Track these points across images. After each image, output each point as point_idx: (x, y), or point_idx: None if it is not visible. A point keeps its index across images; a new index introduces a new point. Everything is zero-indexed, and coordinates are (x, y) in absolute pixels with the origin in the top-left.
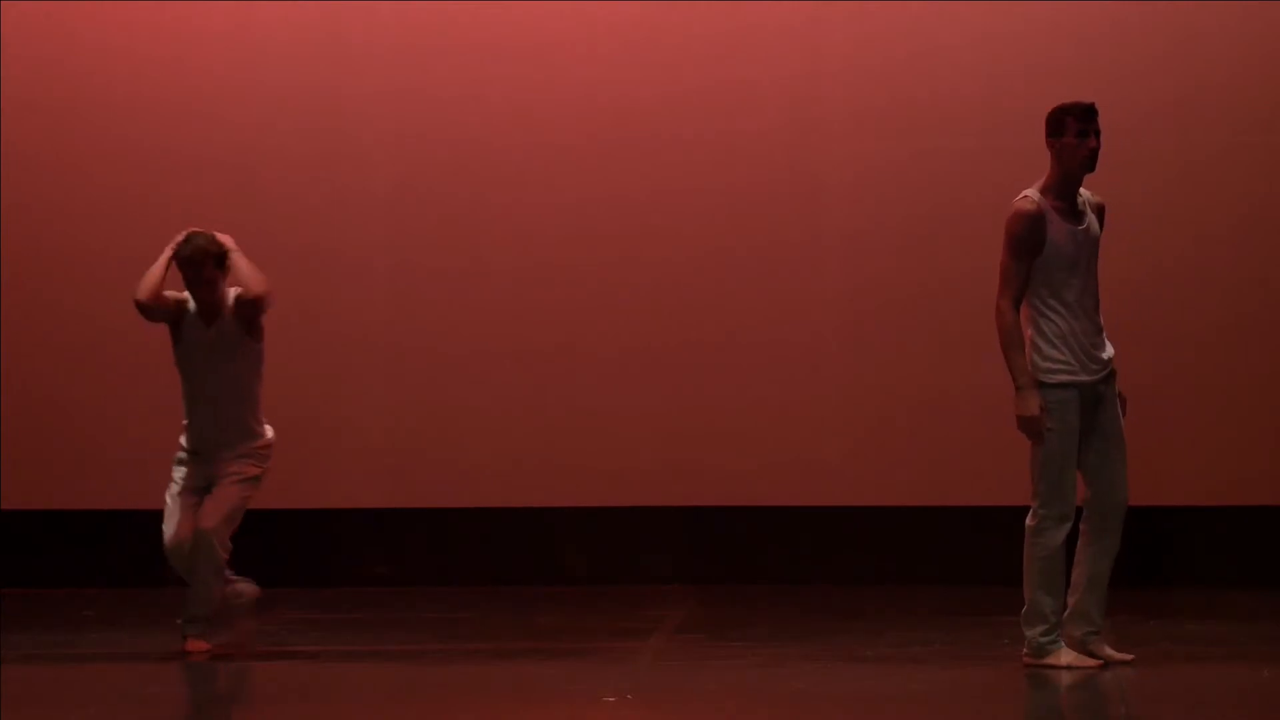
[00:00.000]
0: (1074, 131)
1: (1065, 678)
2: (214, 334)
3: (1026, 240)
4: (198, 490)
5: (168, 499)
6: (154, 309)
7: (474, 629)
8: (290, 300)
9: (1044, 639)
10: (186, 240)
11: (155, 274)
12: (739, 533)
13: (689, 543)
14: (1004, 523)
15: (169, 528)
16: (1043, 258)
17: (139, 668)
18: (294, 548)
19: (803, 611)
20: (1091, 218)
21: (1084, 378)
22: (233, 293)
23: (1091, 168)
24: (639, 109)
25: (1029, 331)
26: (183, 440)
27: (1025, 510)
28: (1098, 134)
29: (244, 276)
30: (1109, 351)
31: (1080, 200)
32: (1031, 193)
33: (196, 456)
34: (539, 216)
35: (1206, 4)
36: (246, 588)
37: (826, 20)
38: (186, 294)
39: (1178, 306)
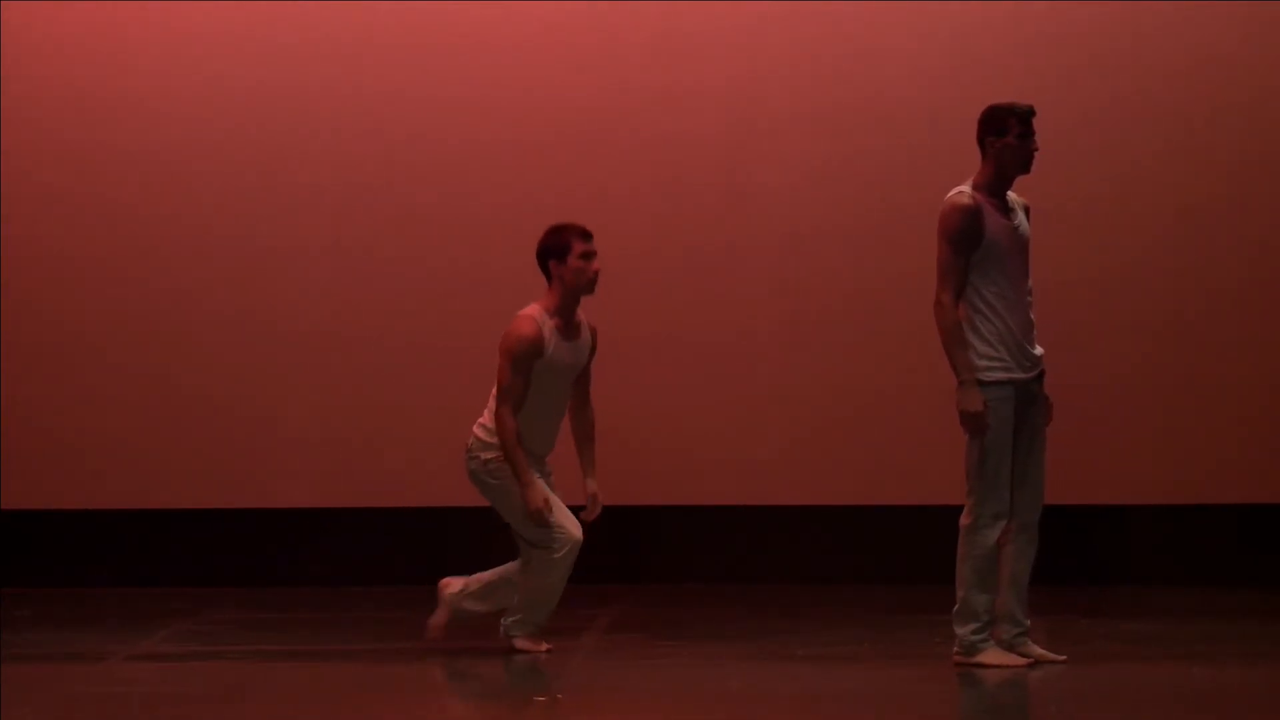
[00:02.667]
0: (1015, 133)
1: (996, 677)
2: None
3: (965, 234)
4: None
5: (552, 499)
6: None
7: (410, 628)
8: (231, 298)
9: (975, 637)
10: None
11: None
12: (674, 531)
13: (623, 542)
14: (938, 522)
15: (577, 526)
16: (980, 253)
17: (72, 668)
18: (231, 547)
19: (737, 611)
20: (1021, 216)
21: (1019, 375)
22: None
23: (1028, 169)
24: (579, 109)
25: (964, 329)
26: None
27: (959, 509)
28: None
29: None
30: (1040, 350)
31: (1009, 199)
32: (966, 188)
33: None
34: (478, 216)
35: (1144, 5)
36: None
37: (765, 22)
38: (542, 325)
39: (1110, 307)
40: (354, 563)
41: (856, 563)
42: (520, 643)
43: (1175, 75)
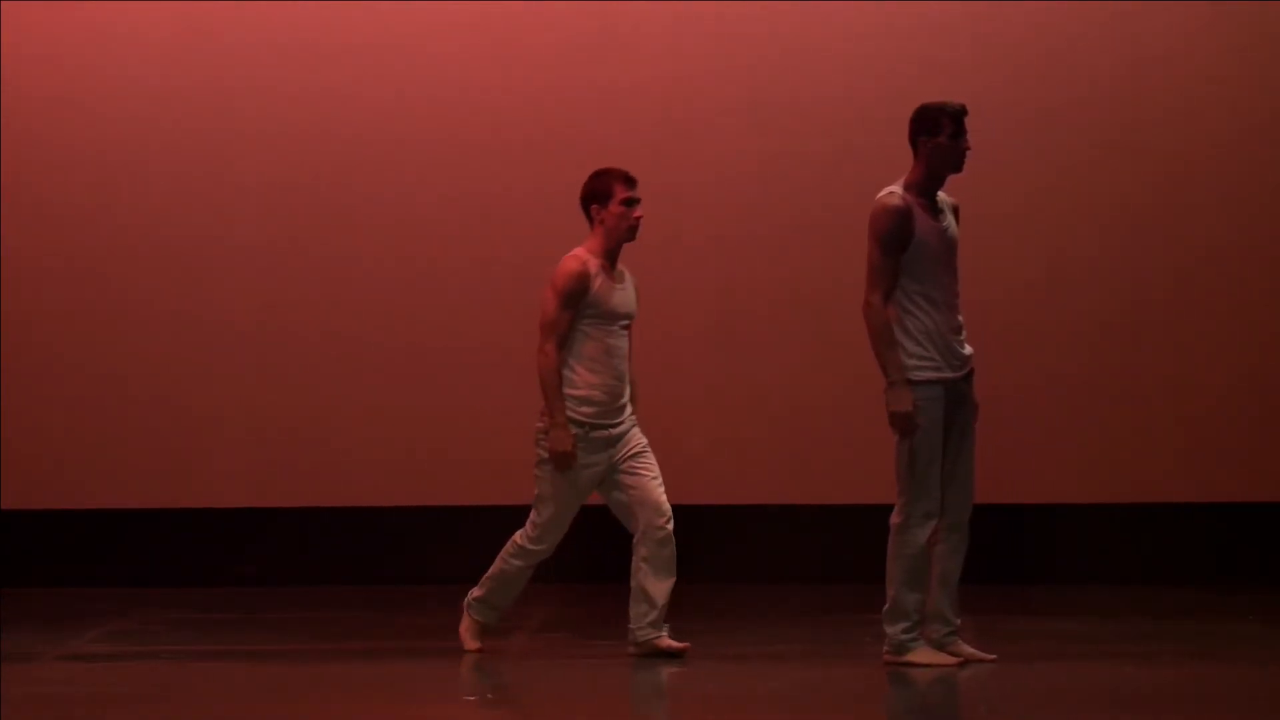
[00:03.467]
0: (948, 132)
1: (926, 676)
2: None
3: (895, 235)
4: None
5: (567, 507)
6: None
7: (339, 628)
8: (157, 296)
9: (905, 636)
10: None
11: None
12: (602, 531)
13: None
14: (869, 520)
15: (554, 542)
16: (909, 254)
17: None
18: (159, 547)
19: (672, 609)
20: (950, 217)
21: (948, 375)
22: None
23: (960, 169)
24: (501, 110)
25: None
26: None
27: (890, 508)
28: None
29: None
30: (969, 350)
31: (939, 199)
32: (896, 189)
33: None
34: (402, 217)
35: (1078, 6)
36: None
37: (688, 21)
38: (587, 262)
39: (1042, 308)
40: (285, 563)
41: (786, 562)
42: (464, 624)
43: (1110, 76)
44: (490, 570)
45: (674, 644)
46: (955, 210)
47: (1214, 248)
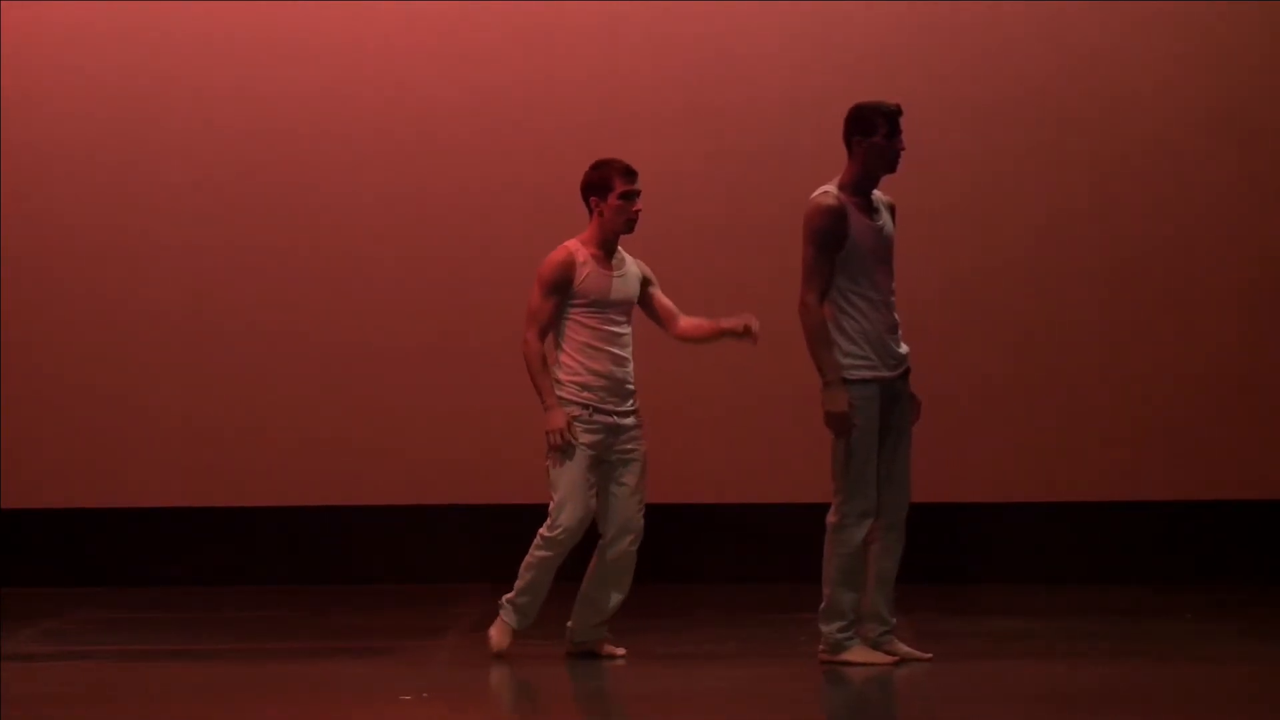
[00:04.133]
0: (883, 133)
1: (861, 675)
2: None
3: (830, 234)
4: None
5: (581, 486)
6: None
7: (273, 628)
8: (87, 295)
9: (841, 635)
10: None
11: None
12: (534, 530)
13: (488, 540)
14: (804, 519)
15: (582, 527)
16: (844, 253)
17: None
18: (92, 547)
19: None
20: (886, 216)
21: (884, 374)
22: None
23: (895, 169)
24: (439, 107)
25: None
26: None
27: (826, 507)
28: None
29: None
30: (905, 349)
31: (874, 198)
32: (830, 188)
33: None
34: (340, 213)
35: (1010, 6)
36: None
37: (626, 20)
38: (575, 253)
39: (978, 307)
40: (219, 563)
41: (720, 561)
42: (496, 626)
43: (1044, 76)
44: (521, 569)
45: (614, 649)
46: (891, 209)
47: (1147, 247)
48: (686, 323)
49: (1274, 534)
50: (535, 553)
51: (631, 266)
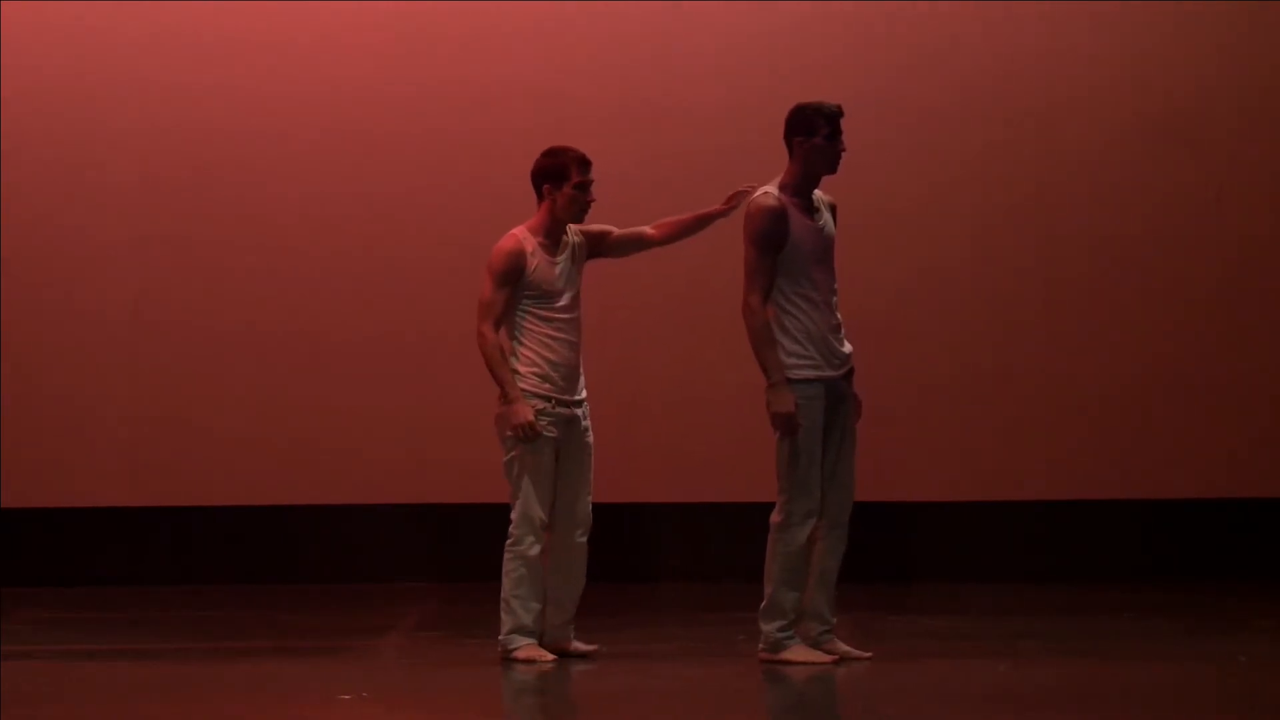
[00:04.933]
0: (824, 134)
1: (802, 674)
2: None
3: (771, 235)
4: None
5: (538, 491)
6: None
7: (215, 627)
8: (29, 294)
9: (781, 634)
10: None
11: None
12: (480, 529)
13: (429, 540)
14: (746, 519)
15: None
16: (785, 254)
17: None
18: (34, 547)
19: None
20: (827, 216)
21: (828, 373)
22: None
23: (835, 170)
24: (386, 105)
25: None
26: None
27: (769, 506)
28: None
29: None
30: (848, 348)
31: (815, 199)
32: (771, 189)
33: None
34: (286, 210)
35: (948, 7)
36: None
37: (573, 19)
38: (524, 241)
39: (917, 307)
40: (159, 562)
41: (661, 560)
42: (521, 653)
43: (986, 78)
44: (506, 592)
45: (582, 646)
46: (832, 208)
47: (1094, 248)
48: (659, 230)
49: (1215, 532)
50: (512, 567)
51: (572, 244)
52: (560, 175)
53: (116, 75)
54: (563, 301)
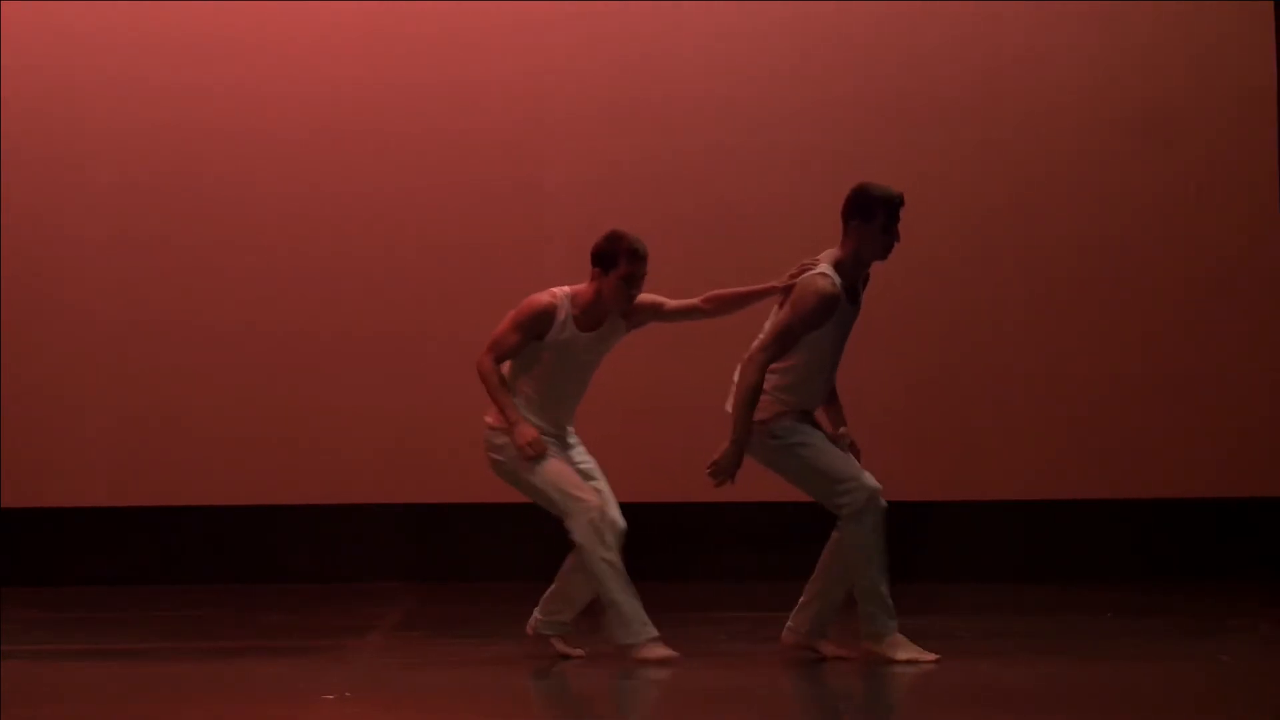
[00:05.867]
0: (881, 225)
1: (788, 674)
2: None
3: (818, 320)
4: None
5: (568, 471)
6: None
7: (197, 627)
8: (14, 297)
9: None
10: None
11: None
12: (459, 529)
13: (410, 539)
14: (747, 518)
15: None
16: (816, 334)
17: None
18: (16, 547)
19: (523, 609)
20: (861, 293)
21: (807, 407)
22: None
23: (884, 259)
24: (373, 105)
25: (769, 386)
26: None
27: (771, 506)
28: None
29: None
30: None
31: (861, 277)
32: (829, 270)
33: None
34: (264, 211)
35: (932, 7)
36: None
37: (552, 19)
38: (559, 306)
39: (905, 308)
40: (141, 562)
41: (641, 559)
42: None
43: (969, 78)
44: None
45: (570, 649)
46: (866, 281)
47: (1074, 247)
48: (709, 303)
49: (1201, 532)
50: (594, 563)
51: (616, 323)
52: (611, 262)
53: (105, 75)
54: (571, 370)
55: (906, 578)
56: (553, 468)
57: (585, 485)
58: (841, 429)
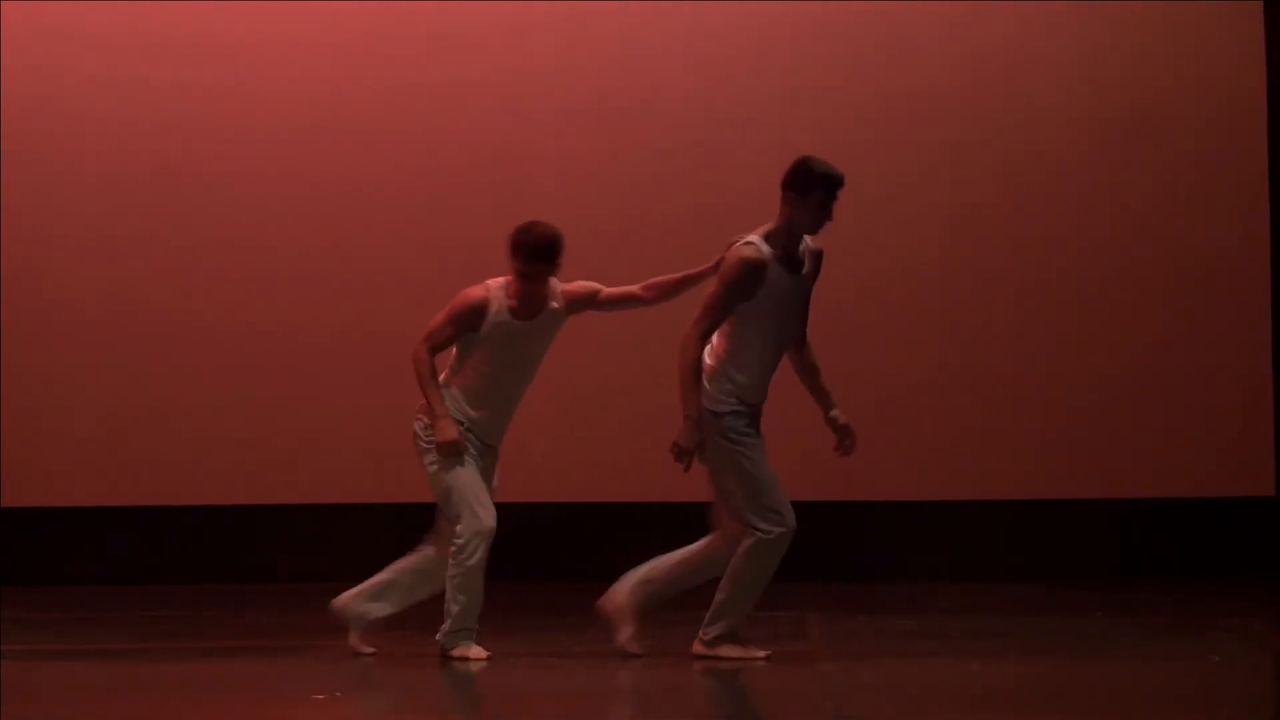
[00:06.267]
0: (816, 201)
1: (768, 673)
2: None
3: (742, 287)
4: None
5: (476, 486)
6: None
7: (183, 627)
8: (8, 297)
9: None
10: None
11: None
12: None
13: (399, 538)
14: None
15: (492, 517)
16: (754, 302)
17: None
18: (4, 547)
19: (513, 608)
20: (809, 265)
21: (752, 400)
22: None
23: (815, 233)
24: (348, 105)
25: (715, 361)
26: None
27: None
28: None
29: None
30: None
31: (801, 248)
32: (756, 239)
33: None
34: (249, 212)
35: (918, 5)
36: None
37: (536, 20)
38: (492, 298)
39: (889, 307)
40: (129, 562)
41: (627, 561)
42: (458, 651)
43: (955, 75)
44: (447, 597)
45: (364, 647)
46: (818, 257)
47: (1060, 246)
48: (648, 291)
49: (1188, 531)
50: (456, 571)
51: (554, 306)
52: (542, 260)
53: (100, 75)
54: (511, 360)
55: (894, 577)
56: (466, 477)
57: (489, 504)
58: (833, 411)
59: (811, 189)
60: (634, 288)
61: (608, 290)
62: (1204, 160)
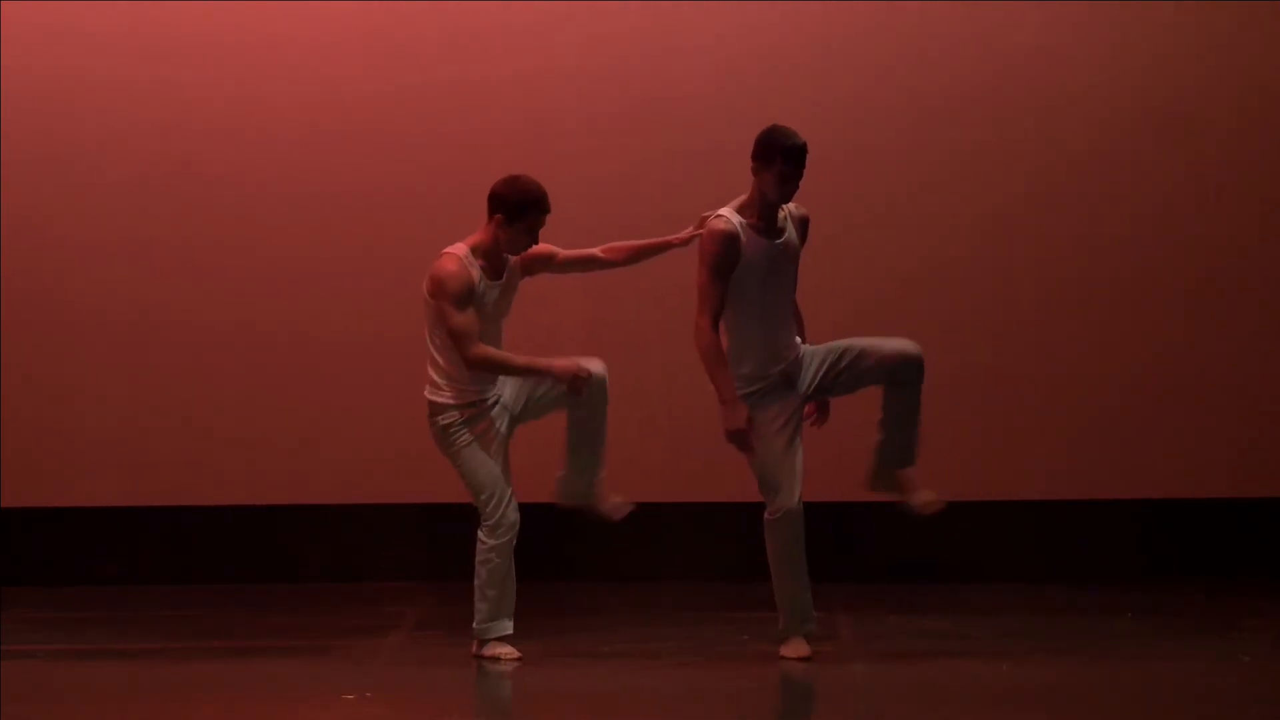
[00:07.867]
0: (779, 171)
1: (800, 673)
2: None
3: (723, 259)
4: None
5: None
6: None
7: (211, 627)
8: (23, 292)
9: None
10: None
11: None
12: (476, 529)
13: (428, 539)
14: (747, 518)
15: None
16: (738, 275)
17: None
18: (27, 546)
19: (541, 608)
20: (791, 232)
21: (772, 370)
22: None
23: (784, 203)
24: (376, 104)
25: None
26: None
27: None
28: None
29: None
30: (797, 344)
31: (781, 216)
32: (727, 211)
33: None
34: (269, 212)
35: (941, 6)
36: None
37: (559, 19)
38: (467, 265)
39: (913, 307)
40: (154, 562)
41: (658, 560)
42: (489, 650)
43: (980, 75)
44: (476, 596)
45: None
46: (804, 222)
47: (1089, 245)
48: (610, 253)
49: (1214, 532)
50: (486, 561)
51: (514, 270)
52: (517, 212)
53: (104, 75)
54: (486, 321)
55: (921, 578)
56: (493, 470)
57: (513, 501)
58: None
59: (772, 159)
60: (594, 250)
61: (565, 252)
62: (1231, 161)
